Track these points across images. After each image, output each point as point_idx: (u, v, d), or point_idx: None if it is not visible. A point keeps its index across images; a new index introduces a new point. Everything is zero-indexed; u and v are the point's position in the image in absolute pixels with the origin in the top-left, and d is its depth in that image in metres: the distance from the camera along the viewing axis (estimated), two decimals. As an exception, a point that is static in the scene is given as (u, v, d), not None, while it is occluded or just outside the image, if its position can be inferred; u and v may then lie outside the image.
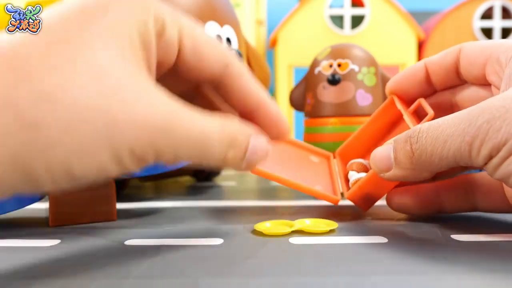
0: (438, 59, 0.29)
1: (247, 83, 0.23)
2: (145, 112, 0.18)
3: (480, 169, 0.29)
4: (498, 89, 0.26)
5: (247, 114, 0.24)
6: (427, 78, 0.30)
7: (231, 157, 0.21)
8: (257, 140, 0.22)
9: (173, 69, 0.23)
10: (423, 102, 0.29)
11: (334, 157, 0.35)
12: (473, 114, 0.21)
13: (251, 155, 0.22)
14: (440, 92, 0.30)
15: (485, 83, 0.28)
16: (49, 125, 0.17)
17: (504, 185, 0.27)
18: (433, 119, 0.24)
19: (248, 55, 0.43)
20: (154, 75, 0.21)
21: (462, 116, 0.22)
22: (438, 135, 0.22)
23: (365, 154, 0.33)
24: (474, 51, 0.27)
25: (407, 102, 0.31)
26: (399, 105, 0.30)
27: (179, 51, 0.22)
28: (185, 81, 0.24)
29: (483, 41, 0.27)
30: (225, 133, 0.21)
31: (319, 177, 0.33)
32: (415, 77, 0.30)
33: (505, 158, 0.21)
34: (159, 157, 0.19)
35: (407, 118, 0.28)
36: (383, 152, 0.25)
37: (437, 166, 0.23)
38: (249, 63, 0.43)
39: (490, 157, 0.21)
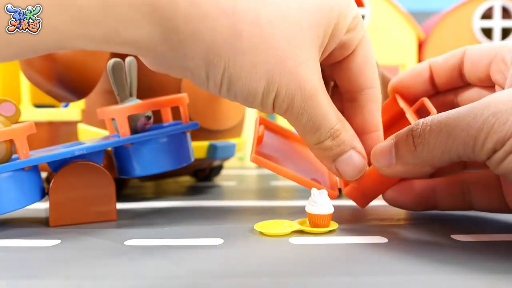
0: (442, 60, 0.29)
1: (374, 110, 0.27)
2: (302, 73, 0.23)
3: (480, 166, 0.29)
4: (502, 88, 0.26)
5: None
6: (431, 78, 0.30)
7: (326, 146, 0.25)
8: (357, 155, 0.26)
9: (334, 66, 0.27)
10: (426, 101, 0.29)
11: None
12: (478, 108, 0.21)
13: (343, 161, 0.26)
14: (443, 93, 0.30)
15: (488, 85, 0.28)
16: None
17: (503, 186, 0.27)
18: None
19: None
20: (323, 56, 0.25)
21: (467, 109, 0.22)
22: (441, 128, 0.22)
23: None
24: (478, 52, 0.27)
25: (410, 101, 0.31)
26: (402, 103, 0.30)
27: (352, 53, 0.26)
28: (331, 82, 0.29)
29: (488, 43, 0.27)
30: (337, 127, 0.25)
31: (318, 172, 0.33)
32: (419, 77, 0.30)
33: (510, 152, 0.20)
34: (289, 107, 0.23)
35: (409, 115, 0.28)
36: (385, 147, 0.25)
37: (439, 161, 0.23)
38: None
39: (494, 151, 0.21)
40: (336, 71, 0.27)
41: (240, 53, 0.22)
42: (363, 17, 0.63)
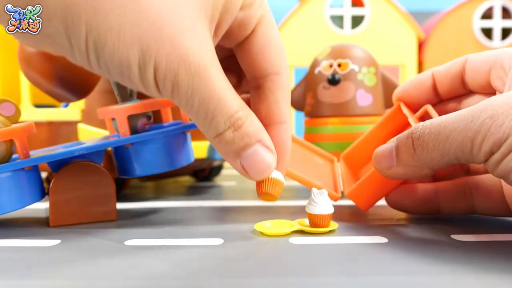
0: (445, 68, 0.30)
1: (280, 99, 0.24)
2: (185, 43, 0.20)
3: (482, 171, 0.29)
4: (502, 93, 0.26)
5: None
6: (434, 87, 0.30)
7: (227, 138, 0.22)
8: (264, 150, 0.23)
9: (236, 49, 0.24)
10: (429, 108, 0.29)
11: (338, 161, 0.35)
12: (476, 111, 0.21)
13: (248, 157, 0.22)
14: (446, 101, 0.31)
15: (489, 92, 0.28)
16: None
17: (505, 189, 0.27)
18: None
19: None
20: (219, 33, 0.23)
21: (465, 113, 0.22)
22: (440, 131, 0.22)
23: (370, 160, 0.33)
24: (479, 59, 0.28)
25: (414, 110, 0.31)
26: (405, 110, 0.30)
27: (251, 33, 0.23)
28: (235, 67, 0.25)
29: (488, 51, 0.28)
30: (239, 115, 0.22)
31: (321, 175, 0.33)
32: (423, 86, 0.30)
33: (506, 154, 0.21)
34: (174, 87, 0.20)
35: (412, 121, 0.28)
36: (385, 150, 0.25)
37: (438, 163, 0.23)
38: None
39: (491, 153, 0.21)
40: (238, 54, 0.24)
41: (103, 13, 0.19)
42: (363, 17, 0.63)
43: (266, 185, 0.24)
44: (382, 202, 0.30)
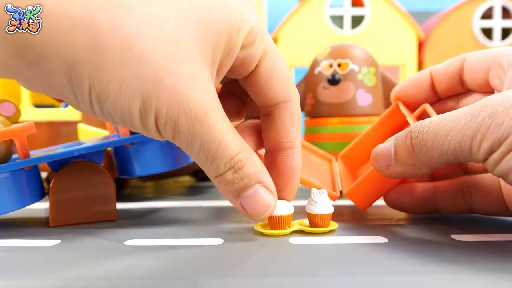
0: (443, 67, 0.30)
1: (289, 125, 0.25)
2: (184, 91, 0.20)
3: (480, 171, 0.29)
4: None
5: (270, 153, 0.26)
6: (432, 85, 0.30)
7: (227, 179, 0.22)
8: (264, 191, 0.23)
9: (243, 82, 0.25)
10: (427, 107, 0.29)
11: (336, 160, 0.35)
12: (475, 109, 0.21)
13: (248, 197, 0.23)
14: (444, 100, 0.31)
15: (488, 90, 0.28)
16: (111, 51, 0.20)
17: (503, 188, 0.27)
18: None
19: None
20: (221, 74, 0.23)
21: (464, 111, 0.22)
22: (439, 129, 0.22)
23: (368, 159, 0.33)
24: (477, 58, 0.28)
25: (412, 109, 0.31)
26: (403, 109, 0.30)
27: (256, 68, 0.24)
28: (242, 98, 0.27)
29: (487, 50, 0.28)
30: (239, 158, 0.22)
31: (319, 174, 0.33)
32: (420, 85, 0.30)
33: (506, 153, 0.20)
34: (175, 132, 0.21)
35: (411, 120, 0.28)
36: (384, 148, 0.25)
37: (436, 162, 0.23)
38: None
39: (491, 152, 0.21)
40: (245, 85, 0.25)
41: (105, 69, 0.20)
42: (363, 17, 0.63)
43: (276, 224, 0.25)
44: (382, 202, 0.30)
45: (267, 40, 0.24)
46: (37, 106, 0.47)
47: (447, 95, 0.30)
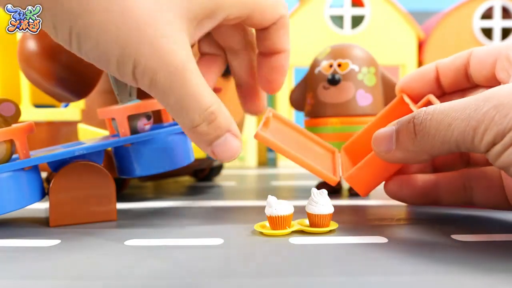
0: (449, 61, 0.30)
1: (282, 34, 0.28)
2: (166, 46, 0.22)
3: (482, 163, 0.29)
4: None
5: (264, 56, 0.29)
6: (437, 79, 0.30)
7: (201, 130, 0.24)
8: (233, 138, 0.25)
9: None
10: (431, 97, 0.29)
11: (339, 152, 0.35)
12: (480, 100, 0.21)
13: (219, 145, 0.25)
14: (449, 94, 0.31)
15: (494, 84, 0.28)
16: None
17: (505, 181, 0.27)
18: None
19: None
20: (198, 35, 0.25)
21: (468, 101, 0.22)
22: (443, 118, 0.22)
23: (371, 150, 0.33)
24: (484, 52, 0.28)
25: (416, 102, 0.31)
26: (407, 100, 0.30)
27: (247, 17, 0.26)
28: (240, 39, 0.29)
29: (494, 44, 0.28)
30: (212, 110, 0.24)
31: (320, 161, 0.32)
32: (426, 78, 0.30)
33: (509, 145, 0.20)
34: (152, 83, 0.22)
35: (415, 109, 0.28)
36: (385, 132, 0.25)
37: (438, 150, 0.23)
38: None
39: (493, 144, 0.21)
40: (246, 22, 0.27)
41: (89, 11, 0.21)
42: (363, 17, 0.63)
43: (276, 224, 0.25)
44: (382, 202, 0.30)
45: None
46: (37, 106, 0.47)
47: (452, 89, 0.30)
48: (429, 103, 0.29)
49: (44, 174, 0.36)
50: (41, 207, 0.34)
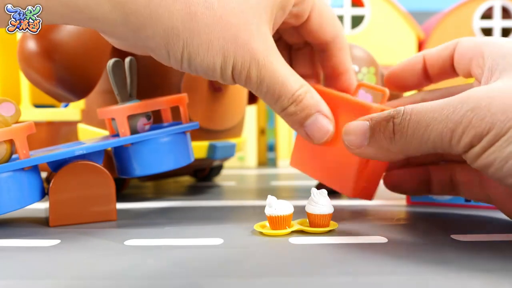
0: (436, 51, 0.30)
1: (342, 55, 0.31)
2: (254, 45, 0.25)
3: (454, 159, 0.30)
4: (480, 82, 0.26)
5: (329, 78, 0.32)
6: (424, 69, 0.30)
7: (290, 111, 0.27)
8: (322, 117, 0.28)
9: (297, 28, 0.30)
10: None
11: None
12: (457, 101, 0.21)
13: (310, 125, 0.28)
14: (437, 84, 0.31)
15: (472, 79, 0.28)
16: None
17: (482, 180, 0.28)
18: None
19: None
20: (275, 27, 0.28)
21: (447, 102, 0.22)
22: (420, 118, 0.22)
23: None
24: (466, 45, 0.27)
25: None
26: (362, 93, 0.33)
27: (308, 19, 0.29)
28: (302, 40, 0.32)
29: (479, 37, 0.27)
30: (299, 93, 0.27)
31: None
32: (413, 68, 0.31)
33: (487, 148, 0.20)
34: (247, 79, 0.26)
35: (375, 105, 0.28)
36: (358, 127, 0.25)
37: (414, 150, 0.23)
38: None
39: (471, 146, 0.21)
40: (303, 32, 0.31)
41: (197, 33, 0.24)
42: (363, 17, 0.63)
43: (276, 224, 0.26)
44: (381, 202, 0.30)
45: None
46: (37, 106, 0.47)
47: (439, 80, 0.30)
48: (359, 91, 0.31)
49: (44, 174, 0.36)
50: (41, 207, 0.34)
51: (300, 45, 0.33)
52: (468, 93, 0.21)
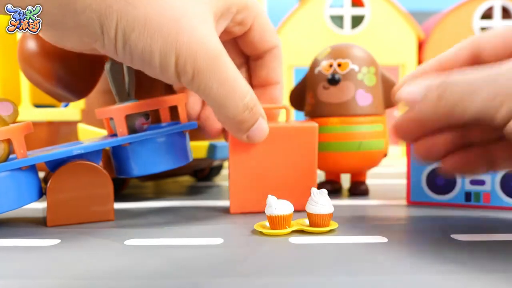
0: (451, 56, 0.26)
1: (277, 66, 0.31)
2: (203, 32, 0.23)
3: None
4: None
5: (259, 88, 0.32)
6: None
7: (242, 118, 0.26)
8: (263, 122, 0.27)
9: (238, 40, 0.30)
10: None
11: None
12: (504, 69, 0.20)
13: (255, 129, 0.27)
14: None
15: None
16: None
17: None
18: None
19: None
20: (219, 31, 0.27)
21: (492, 70, 0.20)
22: (466, 86, 0.21)
23: None
24: (492, 39, 0.25)
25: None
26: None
27: (249, 29, 0.29)
28: (242, 52, 0.32)
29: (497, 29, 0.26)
30: (252, 96, 0.26)
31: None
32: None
33: None
34: (195, 72, 0.24)
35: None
36: (416, 89, 0.23)
37: (457, 118, 0.21)
38: None
39: (509, 119, 0.20)
40: (242, 42, 0.30)
41: (132, 5, 0.22)
42: (363, 17, 0.63)
43: (276, 224, 0.25)
44: (381, 202, 0.30)
45: (256, 5, 0.29)
46: (37, 106, 0.47)
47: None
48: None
49: (41, 174, 0.36)
50: (38, 207, 0.34)
51: (237, 63, 0.32)
52: None
